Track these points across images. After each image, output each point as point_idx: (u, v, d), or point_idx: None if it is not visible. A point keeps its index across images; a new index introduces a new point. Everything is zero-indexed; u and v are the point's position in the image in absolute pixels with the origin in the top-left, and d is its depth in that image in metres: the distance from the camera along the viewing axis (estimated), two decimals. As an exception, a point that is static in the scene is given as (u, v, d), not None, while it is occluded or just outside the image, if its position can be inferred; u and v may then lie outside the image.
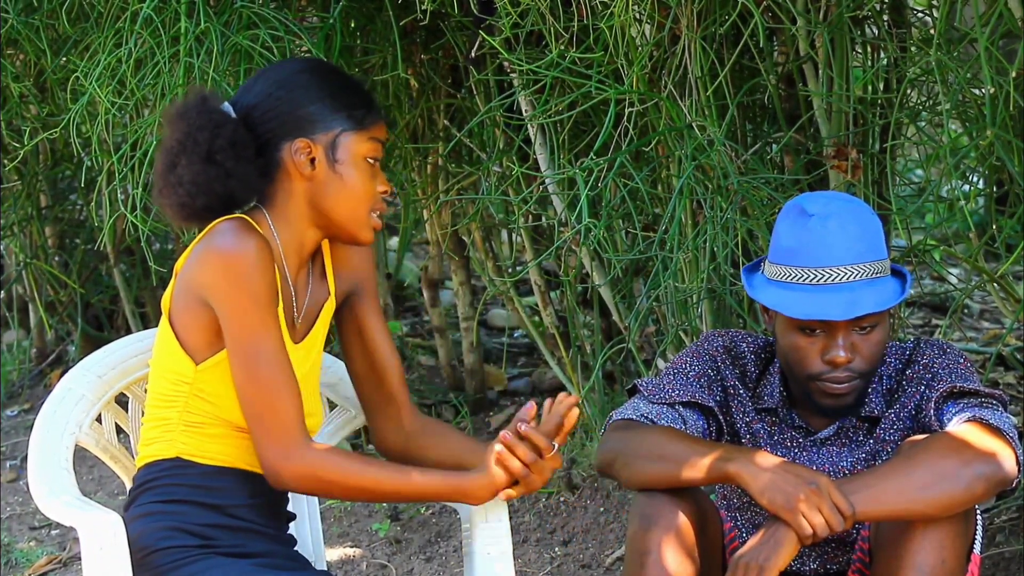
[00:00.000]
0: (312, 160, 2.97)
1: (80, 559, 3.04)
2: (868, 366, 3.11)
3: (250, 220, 2.95)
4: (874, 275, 3.07)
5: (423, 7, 3.74)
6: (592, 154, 3.84)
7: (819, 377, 3.10)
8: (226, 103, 3.00)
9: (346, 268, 3.12)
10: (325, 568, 3.19)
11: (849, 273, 3.06)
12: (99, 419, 3.15)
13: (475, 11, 3.95)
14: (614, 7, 3.56)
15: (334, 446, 3.02)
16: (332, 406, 3.29)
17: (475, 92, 4.42)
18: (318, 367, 3.10)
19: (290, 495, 3.12)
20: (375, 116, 3.02)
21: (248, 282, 2.88)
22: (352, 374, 3.15)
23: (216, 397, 2.95)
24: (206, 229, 2.95)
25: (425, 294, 5.29)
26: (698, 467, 3.01)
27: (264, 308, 2.89)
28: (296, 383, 2.92)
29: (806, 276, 3.07)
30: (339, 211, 2.99)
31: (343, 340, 3.15)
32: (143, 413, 3.13)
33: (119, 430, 3.19)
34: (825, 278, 3.06)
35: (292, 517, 3.14)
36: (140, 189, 3.94)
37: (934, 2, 3.93)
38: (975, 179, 4.13)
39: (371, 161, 3.00)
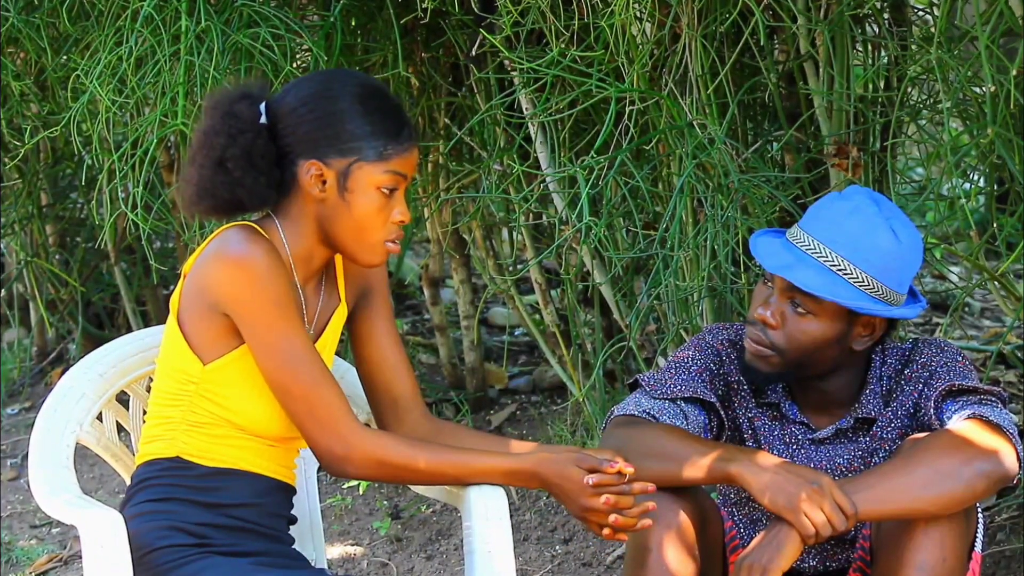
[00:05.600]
0: (323, 183, 2.95)
1: (81, 557, 3.04)
2: (785, 345, 3.10)
3: (257, 227, 2.95)
4: (837, 269, 3.06)
5: (424, 5, 3.74)
6: (593, 152, 3.84)
7: (747, 324, 3.14)
8: (263, 104, 2.96)
9: (357, 274, 3.10)
10: (325, 567, 3.19)
11: (815, 249, 3.07)
12: (100, 417, 3.14)
13: (476, 9, 3.95)
14: (615, 5, 3.56)
15: (383, 431, 3.03)
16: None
17: (476, 90, 4.42)
18: None
19: (293, 499, 3.11)
20: (399, 149, 2.95)
21: (267, 285, 2.88)
22: (362, 377, 3.15)
23: (223, 398, 2.95)
24: (213, 234, 2.95)
25: (426, 292, 5.28)
26: (699, 467, 3.01)
27: (286, 308, 2.90)
28: (331, 374, 2.94)
29: (791, 232, 3.12)
30: (344, 237, 2.97)
31: (353, 344, 3.14)
32: (144, 411, 3.13)
33: (120, 428, 3.19)
34: (795, 238, 3.10)
35: (294, 520, 3.13)
36: (141, 187, 3.94)
37: (934, 0, 3.93)
38: (976, 177, 4.13)
39: (385, 192, 2.95)
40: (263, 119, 2.95)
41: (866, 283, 3.06)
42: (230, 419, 2.95)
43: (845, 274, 3.06)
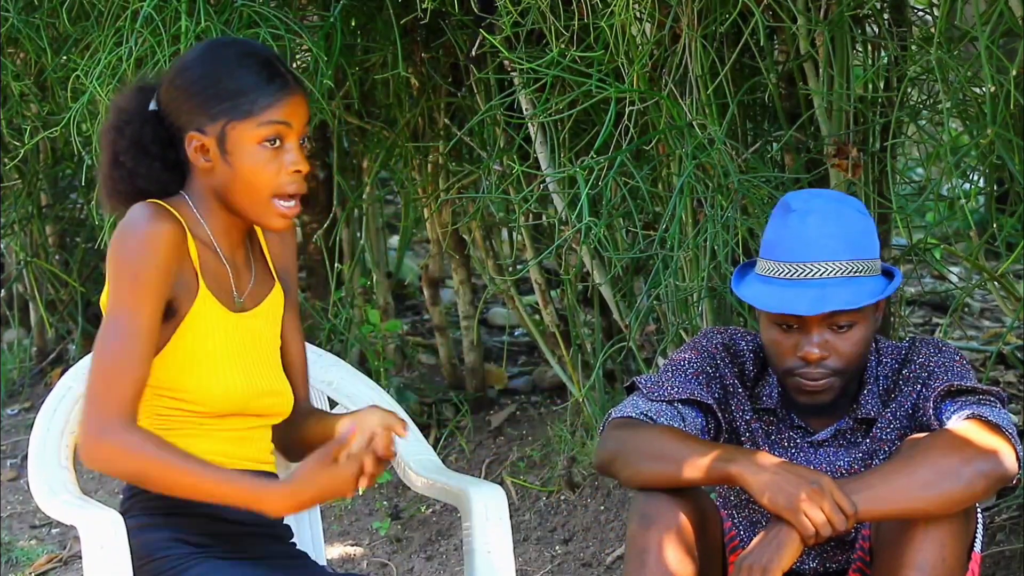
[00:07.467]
0: (207, 152, 2.90)
1: (80, 558, 3.04)
2: (844, 364, 3.10)
3: (164, 204, 2.90)
4: (852, 273, 3.06)
5: (424, 6, 3.74)
6: (592, 153, 3.84)
7: (793, 372, 3.11)
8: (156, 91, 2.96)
9: (275, 256, 3.08)
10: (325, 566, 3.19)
11: (822, 269, 3.06)
12: (99, 418, 3.14)
13: (476, 10, 3.95)
14: (614, 6, 3.56)
15: (155, 435, 2.86)
16: (332, 404, 3.28)
17: (476, 91, 4.42)
18: (269, 343, 3.02)
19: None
20: (271, 99, 2.88)
21: (134, 259, 2.83)
22: None
23: (176, 390, 2.90)
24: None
25: (425, 292, 5.29)
26: (698, 467, 3.01)
27: (142, 287, 2.82)
28: (146, 368, 2.84)
29: (782, 270, 3.09)
30: (239, 201, 2.91)
31: None
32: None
33: (119, 428, 3.18)
34: (799, 273, 3.07)
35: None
36: (140, 188, 3.94)
37: (934, 0, 3.93)
38: (975, 177, 4.13)
39: (268, 145, 2.89)
40: (152, 106, 2.94)
41: (871, 268, 3.08)
42: (192, 409, 2.90)
43: (858, 272, 3.07)
